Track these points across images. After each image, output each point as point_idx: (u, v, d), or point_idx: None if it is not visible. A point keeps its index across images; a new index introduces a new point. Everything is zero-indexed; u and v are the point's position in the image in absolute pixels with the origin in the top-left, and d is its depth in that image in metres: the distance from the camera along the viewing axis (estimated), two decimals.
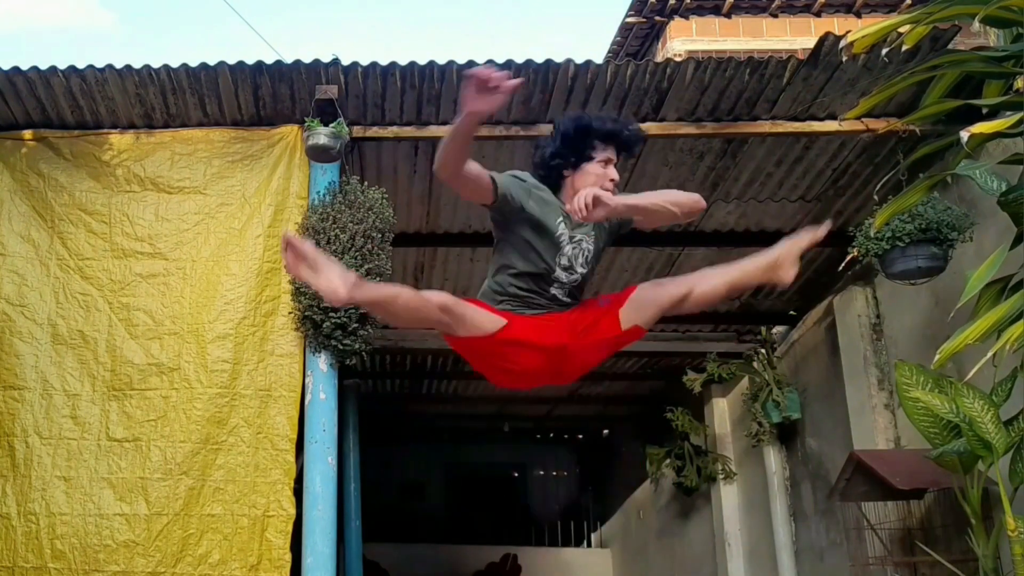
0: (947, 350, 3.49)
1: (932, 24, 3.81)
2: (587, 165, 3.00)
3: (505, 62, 4.71)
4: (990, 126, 3.25)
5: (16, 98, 4.94)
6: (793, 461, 7.71)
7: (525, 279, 3.03)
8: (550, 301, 3.08)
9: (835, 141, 5.40)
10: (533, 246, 3.00)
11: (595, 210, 2.76)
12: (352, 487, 7.98)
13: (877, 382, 6.09)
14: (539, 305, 3.07)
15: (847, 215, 6.18)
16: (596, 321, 3.11)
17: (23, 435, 4.75)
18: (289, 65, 4.78)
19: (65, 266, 4.99)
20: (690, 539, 9.76)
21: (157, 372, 4.83)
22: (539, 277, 3.02)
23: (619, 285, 7.28)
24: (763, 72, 4.82)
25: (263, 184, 5.05)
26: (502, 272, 3.07)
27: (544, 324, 3.06)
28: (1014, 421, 3.97)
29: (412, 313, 2.93)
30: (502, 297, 3.07)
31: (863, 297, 6.31)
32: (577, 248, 3.05)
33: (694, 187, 5.92)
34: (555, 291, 3.06)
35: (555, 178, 3.05)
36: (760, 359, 7.67)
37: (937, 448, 4.14)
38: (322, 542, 4.45)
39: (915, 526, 5.25)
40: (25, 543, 4.60)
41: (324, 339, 4.62)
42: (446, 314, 2.91)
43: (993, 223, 4.76)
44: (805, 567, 7.46)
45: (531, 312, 3.05)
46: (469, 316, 2.95)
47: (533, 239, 2.99)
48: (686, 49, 10.22)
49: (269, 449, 4.69)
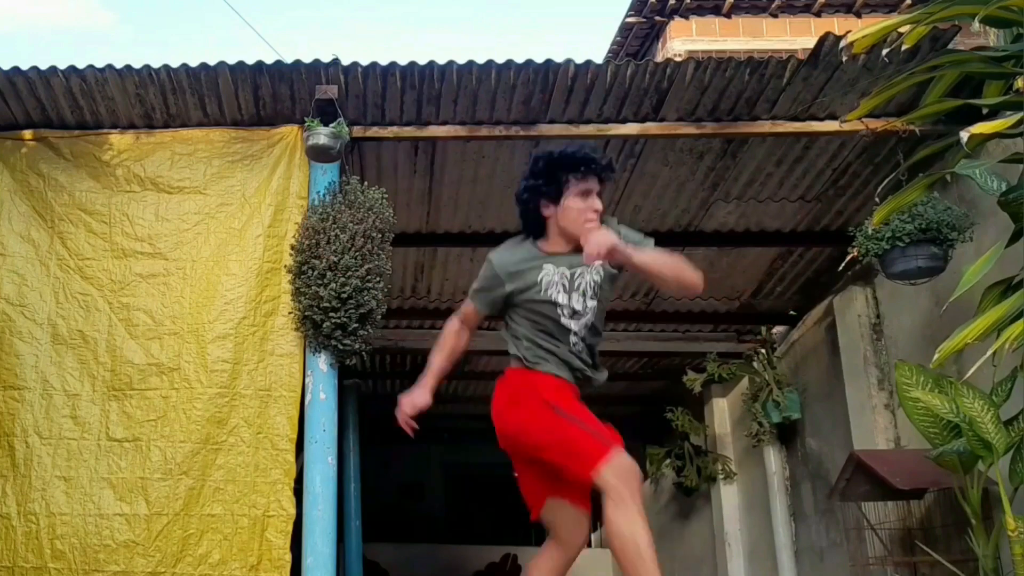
0: (946, 350, 3.49)
1: (932, 24, 3.81)
2: (565, 201, 3.04)
3: (505, 62, 4.71)
4: (990, 126, 3.26)
5: (16, 98, 4.94)
6: (793, 461, 7.72)
7: (545, 339, 3.08)
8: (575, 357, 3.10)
9: (835, 141, 5.40)
10: (535, 310, 3.07)
11: (609, 257, 2.83)
12: (352, 487, 7.99)
13: (877, 382, 6.09)
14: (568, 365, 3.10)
15: (847, 215, 6.19)
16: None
17: (23, 435, 4.74)
18: (289, 65, 4.77)
19: (65, 266, 4.99)
20: (690, 539, 9.77)
21: (157, 372, 4.81)
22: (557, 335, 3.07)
23: (619, 284, 7.25)
24: (763, 72, 4.82)
25: (263, 184, 5.04)
26: (524, 339, 3.12)
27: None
28: (1014, 421, 3.97)
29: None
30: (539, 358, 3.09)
31: (863, 297, 6.32)
32: (579, 286, 3.07)
33: (694, 186, 5.95)
34: (574, 340, 3.08)
35: (538, 222, 3.10)
36: (760, 359, 7.68)
37: (937, 448, 4.15)
38: (322, 542, 4.45)
39: (915, 526, 5.25)
40: (25, 543, 4.58)
41: (324, 339, 4.61)
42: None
43: (993, 223, 4.76)
44: (805, 567, 7.46)
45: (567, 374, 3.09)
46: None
47: (530, 305, 3.06)
48: (686, 49, 10.23)
49: (269, 449, 4.68)
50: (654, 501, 10.75)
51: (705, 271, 7.02)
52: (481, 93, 4.90)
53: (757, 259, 6.95)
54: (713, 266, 7.04)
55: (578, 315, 3.06)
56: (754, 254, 6.86)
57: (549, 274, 3.05)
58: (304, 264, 4.67)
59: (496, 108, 5.01)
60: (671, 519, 10.22)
